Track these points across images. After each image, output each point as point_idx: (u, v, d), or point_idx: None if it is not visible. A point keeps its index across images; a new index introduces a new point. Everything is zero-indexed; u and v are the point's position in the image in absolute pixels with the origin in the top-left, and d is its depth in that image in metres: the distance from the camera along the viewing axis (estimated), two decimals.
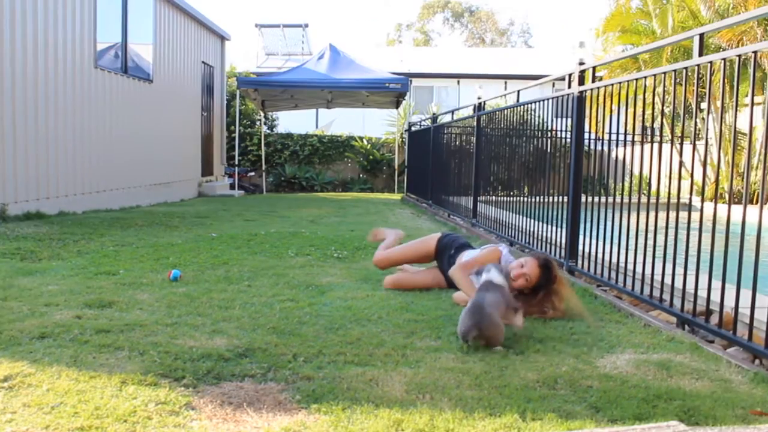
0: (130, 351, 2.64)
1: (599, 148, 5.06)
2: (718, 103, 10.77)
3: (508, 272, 3.42)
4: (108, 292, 3.73)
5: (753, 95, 2.78)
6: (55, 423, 1.96)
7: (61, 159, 8.21)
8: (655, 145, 3.83)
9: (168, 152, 11.85)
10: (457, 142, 9.26)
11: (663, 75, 3.72)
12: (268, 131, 17.84)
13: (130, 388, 2.25)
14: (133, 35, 10.31)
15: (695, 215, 3.33)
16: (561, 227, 4.95)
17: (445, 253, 4.09)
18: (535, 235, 5.36)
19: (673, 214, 3.48)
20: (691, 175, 3.56)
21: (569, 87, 4.86)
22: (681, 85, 3.54)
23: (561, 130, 5.27)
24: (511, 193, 6.45)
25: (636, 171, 4.26)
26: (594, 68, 4.70)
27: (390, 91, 14.27)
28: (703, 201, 3.43)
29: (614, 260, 4.03)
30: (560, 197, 5.10)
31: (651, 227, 3.60)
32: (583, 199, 4.72)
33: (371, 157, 17.33)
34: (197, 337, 2.85)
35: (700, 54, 3.33)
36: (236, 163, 15.35)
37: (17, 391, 2.20)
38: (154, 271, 4.42)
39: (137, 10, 10.36)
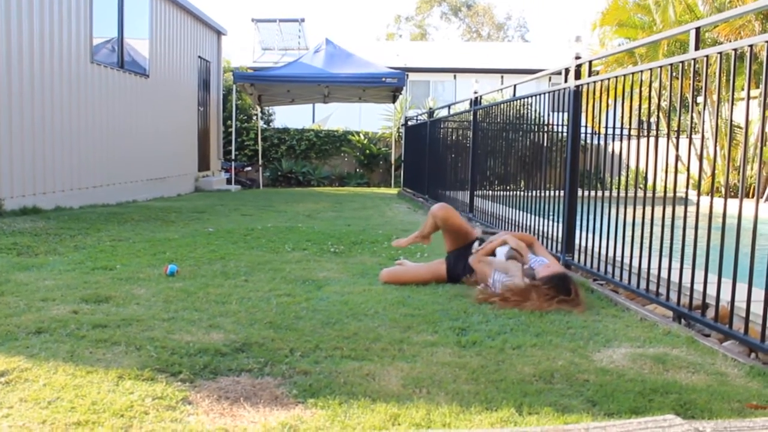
0: (126, 346, 2.64)
1: (596, 142, 5.06)
2: (714, 97, 10.80)
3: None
4: (105, 287, 3.73)
5: (749, 89, 2.78)
6: (52, 418, 1.95)
7: (57, 154, 8.19)
8: (652, 139, 3.83)
9: (164, 147, 11.82)
10: (454, 137, 9.26)
11: (659, 69, 3.72)
12: (265, 126, 17.80)
13: (127, 383, 2.24)
14: (130, 30, 10.27)
15: (691, 209, 3.33)
16: (557, 221, 4.95)
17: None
18: (532, 229, 5.36)
19: (669, 208, 3.48)
20: (687, 169, 3.57)
21: (565, 81, 4.86)
22: (677, 79, 3.54)
23: (557, 125, 5.27)
24: (508, 188, 6.45)
25: (632, 165, 4.27)
26: (590, 63, 4.70)
27: (387, 86, 14.25)
28: (699, 195, 3.44)
29: (611, 254, 4.04)
30: (557, 191, 5.11)
31: (647, 221, 3.61)
32: (580, 193, 4.73)
33: (368, 151, 17.30)
34: (194, 332, 2.85)
35: (696, 48, 3.34)
36: (233, 158, 15.33)
37: (14, 386, 2.20)
38: (150, 266, 4.42)
39: (133, 5, 10.32)
